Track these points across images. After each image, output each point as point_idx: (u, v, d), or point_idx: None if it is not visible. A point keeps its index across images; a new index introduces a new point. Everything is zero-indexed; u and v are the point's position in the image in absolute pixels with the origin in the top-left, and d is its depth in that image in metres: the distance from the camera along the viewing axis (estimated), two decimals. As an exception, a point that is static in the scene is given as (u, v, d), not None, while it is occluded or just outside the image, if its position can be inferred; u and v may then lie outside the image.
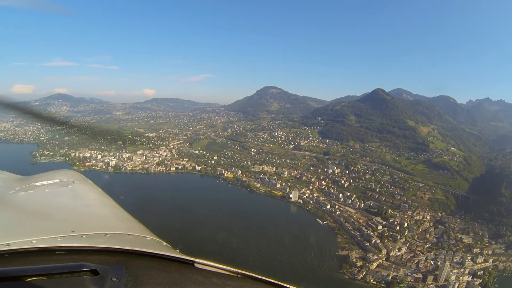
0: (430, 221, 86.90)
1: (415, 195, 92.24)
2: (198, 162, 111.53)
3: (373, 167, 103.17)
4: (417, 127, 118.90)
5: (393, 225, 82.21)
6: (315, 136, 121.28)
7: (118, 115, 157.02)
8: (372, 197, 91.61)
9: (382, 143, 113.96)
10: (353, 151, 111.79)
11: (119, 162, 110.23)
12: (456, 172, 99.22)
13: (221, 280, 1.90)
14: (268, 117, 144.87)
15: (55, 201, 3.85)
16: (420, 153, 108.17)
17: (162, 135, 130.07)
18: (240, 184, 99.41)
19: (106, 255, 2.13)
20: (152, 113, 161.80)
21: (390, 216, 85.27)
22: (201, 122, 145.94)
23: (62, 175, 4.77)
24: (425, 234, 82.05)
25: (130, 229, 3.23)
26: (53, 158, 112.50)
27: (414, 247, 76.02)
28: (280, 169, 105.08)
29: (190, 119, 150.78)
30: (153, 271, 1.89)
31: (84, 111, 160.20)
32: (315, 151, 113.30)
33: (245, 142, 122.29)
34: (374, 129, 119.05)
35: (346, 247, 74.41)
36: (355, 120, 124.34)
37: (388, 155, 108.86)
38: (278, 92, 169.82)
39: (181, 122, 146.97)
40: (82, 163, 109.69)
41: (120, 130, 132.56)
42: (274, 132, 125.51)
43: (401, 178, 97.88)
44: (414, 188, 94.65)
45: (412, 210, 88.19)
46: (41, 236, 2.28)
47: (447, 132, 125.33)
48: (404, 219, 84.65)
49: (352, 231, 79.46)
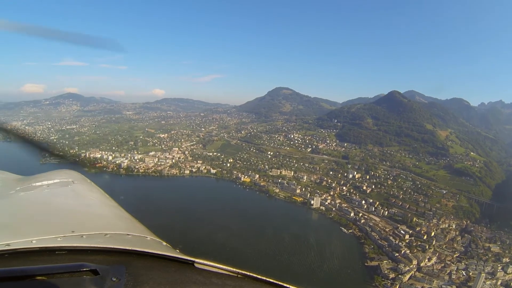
0: (456, 230, 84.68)
1: (439, 203, 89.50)
2: (212, 165, 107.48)
3: (394, 172, 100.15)
4: (435, 131, 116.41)
5: (420, 234, 79.48)
6: (332, 139, 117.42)
7: (128, 115, 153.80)
8: (395, 204, 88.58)
9: (401, 147, 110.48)
10: (372, 155, 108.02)
11: (131, 163, 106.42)
12: (478, 178, 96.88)
13: (221, 280, 1.89)
14: (281, 119, 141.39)
15: (55, 201, 3.79)
16: (440, 158, 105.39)
17: (174, 136, 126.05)
18: (258, 189, 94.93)
19: (106, 255, 2.14)
20: (163, 113, 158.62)
21: (415, 224, 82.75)
22: (213, 123, 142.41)
23: (62, 175, 4.63)
24: (452, 243, 80.00)
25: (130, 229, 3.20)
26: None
27: (444, 257, 73.62)
28: (298, 173, 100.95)
29: (201, 119, 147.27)
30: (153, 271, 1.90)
31: (94, 110, 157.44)
32: (333, 154, 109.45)
33: (260, 144, 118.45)
34: (392, 133, 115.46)
35: (375, 257, 71.86)
36: (373, 123, 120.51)
37: (408, 160, 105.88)
38: (290, 93, 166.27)
39: (192, 122, 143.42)
40: (93, 164, 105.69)
41: (131, 130, 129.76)
42: (290, 135, 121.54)
43: (423, 184, 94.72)
44: (438, 195, 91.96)
45: (437, 218, 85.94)
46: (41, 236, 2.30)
47: (464, 136, 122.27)
48: (430, 227, 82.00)
49: (379, 241, 76.55)
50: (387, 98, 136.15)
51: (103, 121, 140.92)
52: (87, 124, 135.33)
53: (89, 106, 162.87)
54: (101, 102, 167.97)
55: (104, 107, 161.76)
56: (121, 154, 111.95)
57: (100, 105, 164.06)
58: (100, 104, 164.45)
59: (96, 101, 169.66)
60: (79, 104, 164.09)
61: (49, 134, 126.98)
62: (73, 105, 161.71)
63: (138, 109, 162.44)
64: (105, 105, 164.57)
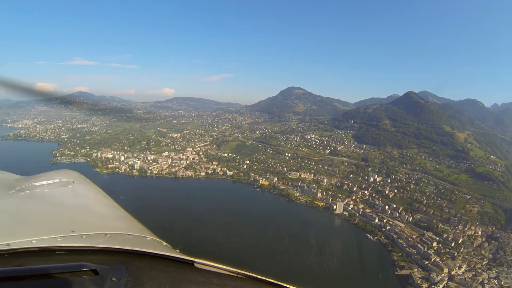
0: (482, 236, 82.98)
1: (463, 208, 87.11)
2: (228, 166, 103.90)
3: (415, 176, 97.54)
4: (454, 133, 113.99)
5: (447, 241, 77.58)
6: (350, 141, 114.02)
7: (139, 114, 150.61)
8: (420, 210, 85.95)
9: (420, 149, 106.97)
10: (391, 158, 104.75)
11: (144, 164, 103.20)
12: (501, 183, 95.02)
13: (221, 280, 1.90)
14: (295, 119, 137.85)
15: (55, 201, 3.78)
16: (460, 161, 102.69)
17: (187, 136, 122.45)
18: (277, 192, 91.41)
19: (106, 255, 2.15)
20: (174, 113, 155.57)
21: (442, 231, 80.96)
22: (226, 122, 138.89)
23: (62, 175, 4.64)
24: (480, 250, 78.28)
25: (130, 229, 3.21)
26: (74, 159, 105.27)
27: (473, 265, 71.90)
28: (318, 176, 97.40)
29: (214, 119, 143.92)
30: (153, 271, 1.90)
31: (105, 109, 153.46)
32: (352, 157, 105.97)
33: (277, 145, 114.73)
34: (411, 135, 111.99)
35: (405, 266, 69.95)
36: (390, 125, 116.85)
37: (428, 163, 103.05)
38: (302, 93, 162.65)
39: (205, 122, 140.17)
40: (105, 164, 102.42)
41: (143, 130, 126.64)
42: (306, 135, 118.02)
43: (446, 189, 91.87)
44: (462, 200, 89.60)
45: (462, 225, 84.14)
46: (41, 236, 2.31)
47: (481, 138, 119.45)
48: (457, 234, 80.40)
49: (407, 248, 74.28)
50: (404, 99, 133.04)
51: (114, 120, 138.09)
52: (98, 123, 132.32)
53: (99, 105, 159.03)
54: (111, 101, 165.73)
55: (115, 106, 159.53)
56: (134, 154, 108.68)
57: (110, 104, 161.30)
58: (111, 103, 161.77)
59: (107, 100, 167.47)
60: (90, 103, 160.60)
61: (60, 132, 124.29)
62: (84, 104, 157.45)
63: (149, 108, 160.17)
64: (116, 104, 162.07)
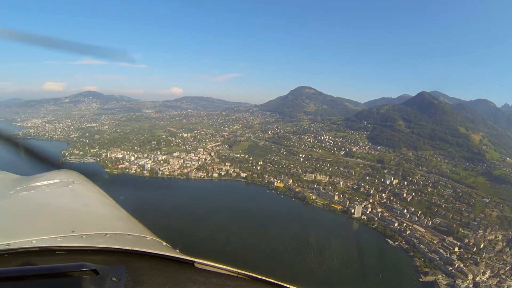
0: (503, 241, 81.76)
1: (483, 212, 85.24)
2: (241, 167, 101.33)
3: (432, 179, 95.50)
4: (469, 135, 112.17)
5: (468, 246, 76.14)
6: (365, 142, 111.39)
7: (148, 113, 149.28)
8: (439, 214, 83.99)
9: (435, 151, 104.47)
10: (407, 160, 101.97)
11: (155, 165, 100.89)
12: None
13: (221, 280, 1.90)
14: (306, 119, 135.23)
15: (55, 201, 3.76)
16: (477, 164, 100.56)
17: (197, 135, 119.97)
18: (293, 195, 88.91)
19: (106, 255, 2.14)
20: (183, 112, 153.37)
21: (462, 235, 79.61)
22: (237, 122, 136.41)
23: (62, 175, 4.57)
24: (502, 255, 76.86)
25: (130, 229, 3.20)
26: (83, 158, 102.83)
27: (496, 270, 70.72)
28: (334, 178, 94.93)
29: (224, 118, 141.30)
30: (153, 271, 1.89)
31: (114, 108, 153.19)
32: (368, 158, 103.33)
33: (290, 146, 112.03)
34: (426, 136, 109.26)
35: (428, 272, 68.43)
36: (405, 126, 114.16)
37: (444, 165, 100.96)
38: (313, 92, 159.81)
39: (215, 121, 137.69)
40: (115, 165, 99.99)
41: (152, 129, 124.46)
42: (320, 136, 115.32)
43: (464, 192, 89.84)
44: (481, 204, 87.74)
45: (483, 229, 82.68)
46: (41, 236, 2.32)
47: (495, 140, 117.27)
48: (477, 239, 79.02)
49: (429, 254, 72.87)
50: (417, 99, 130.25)
51: (123, 119, 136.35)
52: (107, 122, 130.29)
53: (108, 104, 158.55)
54: (120, 100, 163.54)
55: (124, 105, 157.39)
56: (144, 155, 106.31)
57: (119, 103, 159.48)
58: (120, 102, 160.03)
59: (116, 99, 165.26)
60: (99, 102, 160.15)
61: (69, 132, 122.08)
62: (92, 103, 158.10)
63: (158, 107, 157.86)
64: (125, 103, 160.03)
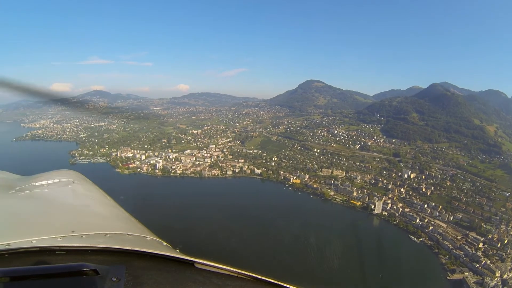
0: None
1: (504, 206, 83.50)
2: (255, 164, 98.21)
3: (449, 172, 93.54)
4: (483, 126, 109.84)
5: (492, 241, 74.32)
6: (379, 135, 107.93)
7: (156, 111, 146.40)
8: (460, 208, 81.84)
9: (451, 143, 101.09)
10: (423, 153, 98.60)
11: (167, 163, 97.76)
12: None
13: (221, 280, 1.89)
14: (317, 112, 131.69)
15: (55, 201, 3.72)
16: (493, 156, 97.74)
17: (208, 132, 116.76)
18: (311, 191, 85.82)
19: (106, 255, 2.14)
20: (192, 108, 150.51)
21: (485, 231, 77.72)
22: (247, 117, 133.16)
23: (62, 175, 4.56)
24: (525, 250, 75.62)
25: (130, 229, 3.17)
26: (93, 158, 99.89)
27: (522, 266, 69.42)
28: (351, 173, 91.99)
29: (233, 114, 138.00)
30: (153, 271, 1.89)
31: (121, 107, 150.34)
32: (383, 152, 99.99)
33: (304, 140, 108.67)
34: (441, 128, 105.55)
35: (455, 269, 66.63)
36: (418, 118, 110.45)
37: (461, 158, 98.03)
38: (322, 85, 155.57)
39: (224, 117, 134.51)
40: (126, 164, 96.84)
41: (161, 127, 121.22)
42: (333, 130, 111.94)
43: (484, 186, 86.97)
44: (501, 198, 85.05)
45: (505, 224, 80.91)
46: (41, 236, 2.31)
47: (509, 131, 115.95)
48: (501, 234, 77.35)
49: (454, 250, 70.94)
50: (429, 91, 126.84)
51: (131, 117, 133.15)
52: (115, 121, 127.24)
53: (116, 102, 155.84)
54: (128, 98, 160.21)
55: (132, 103, 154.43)
56: (155, 153, 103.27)
57: (127, 101, 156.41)
58: (127, 101, 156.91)
59: (123, 97, 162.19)
60: (106, 101, 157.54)
61: (78, 132, 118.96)
62: (100, 102, 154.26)
63: (165, 105, 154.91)
64: (132, 101, 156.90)
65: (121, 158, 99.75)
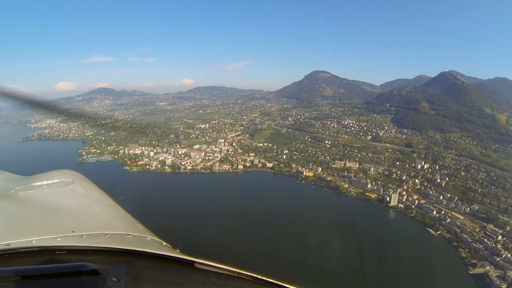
0: (541, 227, 78.76)
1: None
2: (266, 157, 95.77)
3: (463, 162, 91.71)
4: (495, 115, 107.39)
5: (511, 234, 73.15)
6: (390, 126, 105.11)
7: (162, 106, 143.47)
8: (476, 200, 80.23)
9: (463, 133, 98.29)
10: (435, 143, 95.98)
11: (176, 159, 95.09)
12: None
13: (221, 280, 1.88)
14: (325, 103, 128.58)
15: (55, 201, 3.71)
16: (506, 145, 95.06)
17: (216, 126, 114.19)
18: (325, 184, 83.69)
19: (106, 255, 2.13)
20: (198, 102, 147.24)
21: (503, 223, 76.14)
22: (254, 110, 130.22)
23: (62, 175, 4.53)
24: (541, 241, 74.08)
25: (130, 229, 3.16)
26: (100, 157, 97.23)
27: (541, 258, 67.94)
28: (364, 164, 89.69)
29: (240, 107, 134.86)
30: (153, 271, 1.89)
31: (127, 103, 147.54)
32: (395, 142, 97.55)
33: (314, 132, 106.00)
34: (452, 118, 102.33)
35: (476, 263, 65.13)
36: (429, 107, 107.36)
37: (473, 148, 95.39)
38: (328, 76, 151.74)
39: (231, 110, 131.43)
40: (134, 162, 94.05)
41: (168, 122, 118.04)
42: (343, 121, 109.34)
43: (499, 176, 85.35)
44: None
45: (521, 214, 79.45)
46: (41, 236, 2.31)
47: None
48: (519, 225, 75.97)
49: (473, 244, 69.30)
50: (438, 80, 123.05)
51: (137, 114, 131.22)
52: (121, 118, 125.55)
53: (121, 99, 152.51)
54: (133, 94, 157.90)
55: (137, 99, 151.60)
56: (163, 149, 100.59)
57: (132, 97, 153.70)
58: (133, 97, 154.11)
59: (128, 94, 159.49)
60: (112, 98, 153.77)
61: (84, 130, 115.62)
62: (105, 99, 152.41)
63: (171, 100, 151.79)
64: (138, 97, 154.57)
65: (129, 155, 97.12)
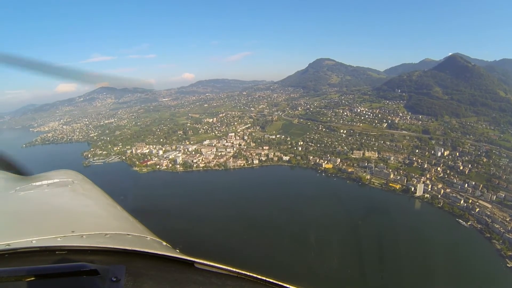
0: None
1: (544, 183, 79.27)
2: (281, 150, 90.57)
3: (483, 148, 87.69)
4: (510, 98, 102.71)
5: (541, 222, 69.42)
6: (404, 112, 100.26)
7: (166, 102, 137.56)
8: (501, 187, 76.50)
9: (479, 117, 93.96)
10: (452, 128, 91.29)
11: (187, 157, 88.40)
12: None
13: (221, 280, 1.85)
14: (332, 91, 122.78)
15: (55, 201, 3.66)
16: None
17: (224, 119, 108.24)
18: (346, 176, 79.35)
19: (106, 255, 2.11)
20: (202, 96, 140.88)
21: (531, 210, 72.35)
22: (261, 101, 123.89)
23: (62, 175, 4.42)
24: None
25: (130, 229, 3.13)
26: (107, 158, 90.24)
27: None
28: (383, 153, 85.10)
29: (246, 98, 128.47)
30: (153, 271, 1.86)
31: (130, 101, 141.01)
32: (412, 129, 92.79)
33: (327, 121, 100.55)
34: (466, 102, 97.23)
35: (512, 256, 61.19)
36: (442, 92, 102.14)
37: (491, 132, 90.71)
38: (333, 63, 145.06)
39: (238, 102, 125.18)
40: (143, 162, 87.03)
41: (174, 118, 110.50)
42: (355, 109, 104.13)
43: None
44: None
45: (548, 201, 75.58)
46: (41, 236, 2.28)
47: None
48: (547, 213, 72.09)
49: (506, 234, 65.05)
50: (448, 63, 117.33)
51: (141, 111, 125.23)
52: (125, 116, 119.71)
53: (124, 97, 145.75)
54: (135, 92, 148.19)
55: (139, 97, 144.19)
56: (172, 147, 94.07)
57: (134, 95, 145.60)
58: (135, 95, 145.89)
59: (130, 92, 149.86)
60: (113, 96, 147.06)
61: (88, 131, 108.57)
62: (107, 98, 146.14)
63: (174, 95, 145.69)
64: (140, 94, 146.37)
65: (137, 155, 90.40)
